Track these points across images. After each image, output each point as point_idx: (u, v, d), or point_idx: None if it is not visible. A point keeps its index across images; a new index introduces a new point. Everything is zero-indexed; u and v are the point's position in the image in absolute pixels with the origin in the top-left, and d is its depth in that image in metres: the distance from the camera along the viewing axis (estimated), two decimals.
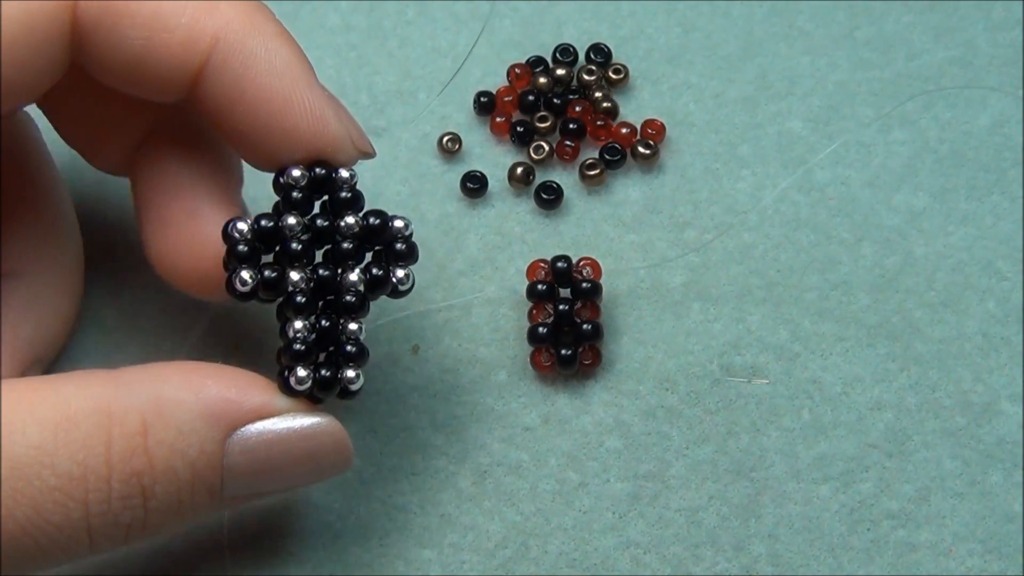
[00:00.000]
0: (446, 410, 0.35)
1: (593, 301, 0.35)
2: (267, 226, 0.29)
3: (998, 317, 0.36)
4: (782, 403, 0.35)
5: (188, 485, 0.28)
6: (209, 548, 0.33)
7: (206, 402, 0.28)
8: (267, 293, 0.29)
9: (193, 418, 0.27)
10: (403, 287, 0.30)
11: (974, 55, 0.39)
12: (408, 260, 0.30)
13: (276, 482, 0.29)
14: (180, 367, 0.28)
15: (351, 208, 0.30)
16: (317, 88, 0.30)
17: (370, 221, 0.30)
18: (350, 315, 0.29)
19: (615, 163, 0.38)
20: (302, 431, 0.29)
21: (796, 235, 0.37)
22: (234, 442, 0.28)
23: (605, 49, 0.40)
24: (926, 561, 0.33)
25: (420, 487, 0.34)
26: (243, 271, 0.29)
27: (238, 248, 0.29)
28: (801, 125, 0.39)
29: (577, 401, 0.35)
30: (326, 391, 0.29)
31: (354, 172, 0.30)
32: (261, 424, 0.28)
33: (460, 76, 0.39)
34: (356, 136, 0.30)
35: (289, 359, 0.29)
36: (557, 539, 0.34)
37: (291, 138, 0.29)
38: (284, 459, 0.29)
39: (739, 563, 0.33)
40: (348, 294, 0.29)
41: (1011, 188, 0.37)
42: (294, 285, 0.29)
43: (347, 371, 0.29)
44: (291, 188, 0.29)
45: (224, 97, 0.29)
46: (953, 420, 0.35)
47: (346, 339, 0.29)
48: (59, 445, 0.26)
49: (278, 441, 0.29)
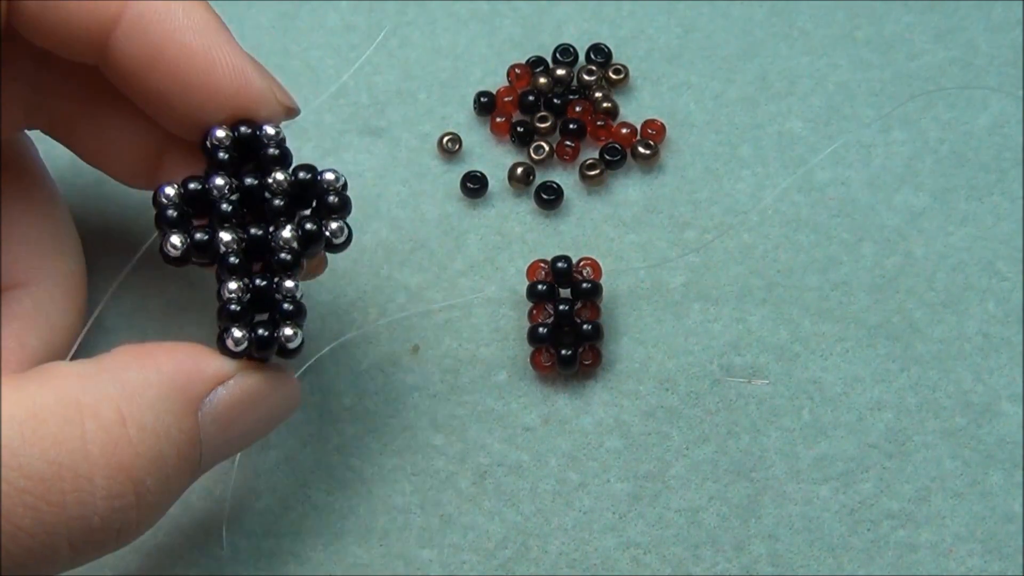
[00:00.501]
0: (446, 410, 0.35)
1: (593, 301, 0.35)
2: (195, 189, 0.29)
3: (998, 317, 0.36)
4: (782, 403, 0.35)
5: (175, 469, 0.27)
6: (209, 548, 0.33)
7: (170, 378, 0.27)
8: (199, 256, 0.29)
9: (164, 397, 0.26)
10: (337, 240, 0.29)
11: (974, 55, 0.39)
12: (341, 213, 0.29)
13: (243, 441, 0.29)
14: (130, 350, 0.27)
15: (279, 165, 0.29)
16: (236, 45, 0.29)
17: (299, 176, 0.29)
18: (285, 272, 0.29)
19: (615, 163, 0.38)
20: (259, 388, 0.29)
21: (796, 235, 0.37)
22: (205, 412, 0.27)
23: (605, 49, 0.40)
24: (926, 561, 0.33)
25: (420, 487, 0.34)
26: (173, 236, 0.29)
27: (167, 213, 0.29)
28: (801, 125, 0.39)
29: (577, 401, 0.35)
30: (264, 350, 0.29)
31: (280, 129, 0.29)
32: (224, 390, 0.28)
33: (460, 76, 0.39)
34: (279, 91, 0.30)
35: (225, 320, 0.28)
36: (557, 539, 0.34)
37: (214, 95, 0.28)
38: (247, 418, 0.29)
39: (739, 563, 0.33)
40: (281, 251, 0.29)
41: (1011, 188, 0.37)
42: (226, 246, 0.29)
43: (284, 329, 0.29)
44: (217, 149, 0.29)
45: (143, 55, 0.28)
46: (953, 420, 0.35)
47: (283, 297, 0.29)
48: (26, 444, 0.24)
49: (240, 403, 0.28)
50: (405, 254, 0.37)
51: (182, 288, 0.37)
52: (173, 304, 0.36)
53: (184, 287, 0.37)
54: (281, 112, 0.30)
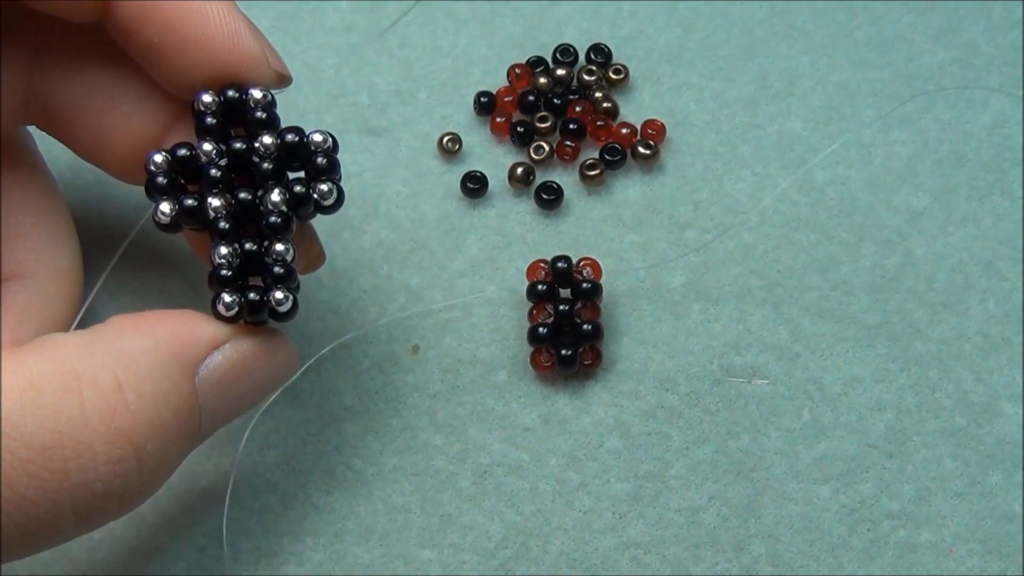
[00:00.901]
0: (446, 410, 0.35)
1: (593, 301, 0.35)
2: (183, 155, 0.29)
3: (998, 317, 0.36)
4: (782, 403, 0.35)
5: (175, 434, 0.27)
6: (209, 547, 0.33)
7: (166, 345, 0.27)
8: (188, 222, 0.29)
9: (161, 364, 0.27)
10: (326, 201, 0.29)
11: (974, 55, 0.39)
12: (330, 174, 0.29)
13: (241, 405, 0.29)
14: (125, 319, 0.28)
15: (267, 128, 0.29)
16: (234, 5, 0.29)
17: (287, 139, 0.29)
18: (275, 236, 0.29)
19: (615, 163, 0.38)
20: (254, 352, 0.29)
21: (796, 235, 0.37)
22: (202, 378, 0.28)
23: (605, 49, 0.40)
24: (926, 561, 0.33)
25: (420, 487, 0.34)
26: (163, 203, 0.29)
27: (156, 180, 0.29)
28: (801, 125, 0.39)
29: (577, 401, 0.35)
30: (255, 314, 0.29)
31: (268, 93, 0.29)
32: (220, 355, 0.28)
33: (460, 76, 0.39)
34: (272, 56, 0.30)
35: (216, 286, 0.29)
36: (557, 539, 0.34)
37: (205, 51, 0.28)
38: (244, 382, 0.29)
39: (739, 563, 0.33)
40: (271, 215, 0.29)
41: (1011, 188, 0.37)
42: (215, 211, 0.29)
43: (275, 292, 0.29)
44: (204, 114, 0.29)
45: (138, 10, 0.28)
46: (953, 420, 0.35)
47: (273, 261, 0.29)
48: (26, 414, 0.25)
49: (237, 367, 0.28)
50: (405, 254, 0.37)
51: (180, 280, 0.37)
52: (174, 304, 0.36)
53: (182, 278, 0.37)
54: (273, 77, 0.30)
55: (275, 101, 0.30)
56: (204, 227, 0.29)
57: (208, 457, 0.34)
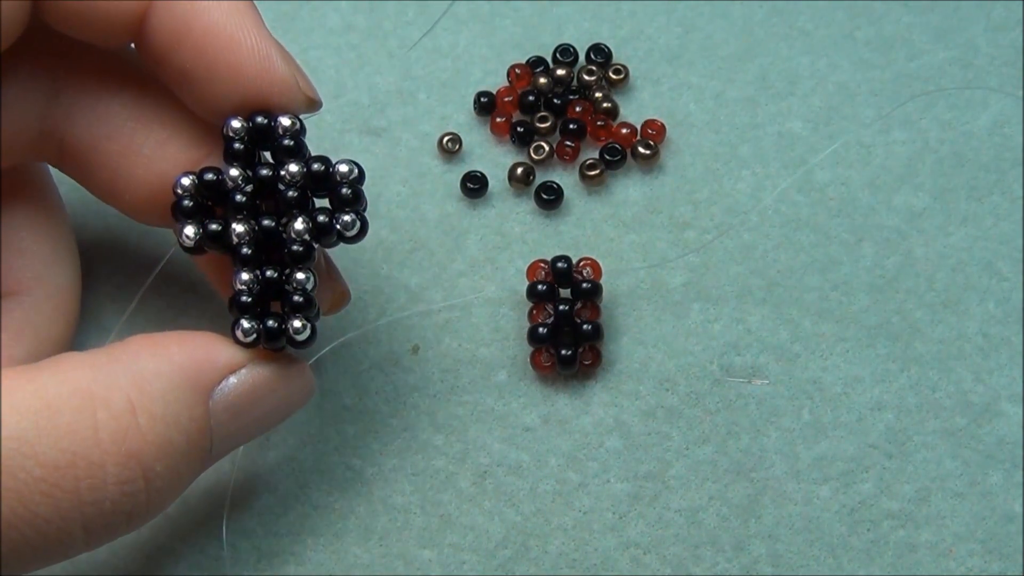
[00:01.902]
0: (446, 410, 0.35)
1: (593, 301, 0.35)
2: (210, 179, 0.29)
3: (998, 317, 0.36)
4: (782, 403, 0.35)
5: (185, 456, 0.27)
6: (209, 548, 0.33)
7: (181, 367, 0.27)
8: (212, 246, 0.29)
9: (175, 386, 0.27)
10: (349, 232, 0.29)
11: (974, 55, 0.39)
12: (355, 205, 0.30)
13: (256, 429, 0.30)
14: (144, 340, 0.28)
15: (294, 156, 0.29)
16: (264, 30, 0.29)
17: (313, 168, 0.29)
18: (297, 264, 0.29)
19: (615, 163, 0.38)
20: (271, 378, 0.29)
21: (796, 235, 0.37)
22: (216, 401, 0.28)
23: (605, 49, 0.40)
24: (926, 561, 0.33)
25: (420, 487, 0.34)
26: (187, 226, 0.29)
27: (183, 203, 0.29)
28: (801, 125, 0.39)
29: (577, 401, 0.35)
30: (273, 342, 0.29)
31: (297, 120, 0.30)
32: (235, 379, 0.28)
33: (460, 76, 0.39)
34: (303, 81, 0.30)
35: (236, 311, 0.29)
36: (557, 539, 0.34)
37: (236, 76, 0.29)
38: (259, 407, 0.29)
39: (739, 563, 0.33)
40: (294, 243, 0.29)
41: (1011, 188, 0.37)
42: (239, 237, 0.29)
43: (293, 321, 0.29)
44: (232, 140, 0.29)
45: (172, 33, 0.29)
46: (953, 420, 0.35)
47: (293, 289, 0.29)
48: (41, 434, 0.25)
49: (252, 392, 0.29)
50: (405, 254, 0.37)
51: (207, 302, 0.37)
52: (174, 305, 0.36)
53: (196, 296, 0.37)
54: (303, 102, 0.30)
55: (304, 128, 0.30)
56: (227, 252, 0.29)
57: None
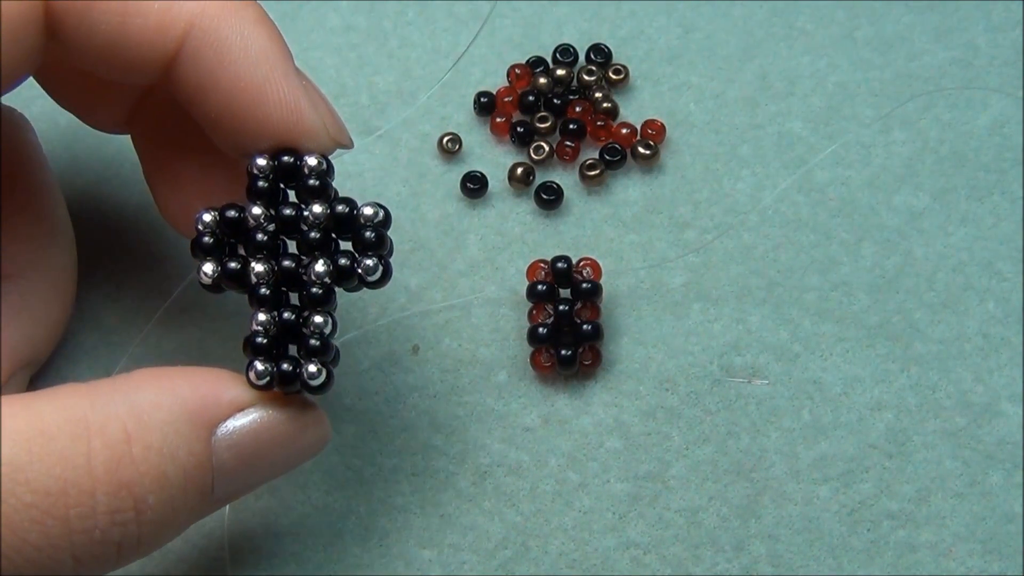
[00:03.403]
0: (446, 411, 0.35)
1: (593, 301, 0.35)
2: (232, 216, 0.29)
3: (998, 318, 0.36)
4: (782, 403, 0.35)
5: (181, 491, 0.27)
6: (209, 549, 0.33)
7: (184, 402, 0.27)
8: (230, 285, 0.29)
9: (175, 419, 0.27)
10: (371, 277, 0.29)
11: (974, 55, 0.39)
12: (378, 249, 0.29)
13: (263, 474, 0.29)
14: (148, 373, 0.28)
15: (318, 197, 0.29)
16: (293, 77, 0.29)
17: (337, 209, 0.29)
18: (315, 307, 0.28)
19: (615, 163, 0.38)
20: (281, 421, 0.28)
21: (796, 235, 0.37)
22: (219, 439, 0.27)
23: (605, 49, 0.40)
24: (926, 561, 0.33)
25: (420, 487, 0.34)
26: (206, 264, 0.29)
27: (203, 240, 0.29)
28: (801, 125, 0.39)
29: (577, 402, 0.35)
30: (286, 385, 0.28)
31: (323, 160, 0.29)
32: (243, 417, 0.28)
33: (460, 76, 0.39)
34: (332, 126, 0.29)
35: (251, 352, 0.28)
36: (557, 539, 0.34)
37: (264, 127, 0.28)
38: (269, 450, 0.28)
39: (739, 563, 0.33)
40: (313, 286, 0.28)
41: (1011, 189, 0.37)
42: (257, 276, 0.28)
43: (309, 366, 0.28)
44: (256, 178, 0.29)
45: (198, 83, 0.28)
46: (953, 420, 0.35)
47: (311, 332, 0.28)
48: (34, 460, 0.25)
49: (261, 433, 0.28)
50: (405, 254, 0.37)
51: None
52: (174, 304, 0.36)
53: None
54: (331, 145, 0.29)
55: (331, 168, 0.29)
56: (245, 291, 0.29)
57: None
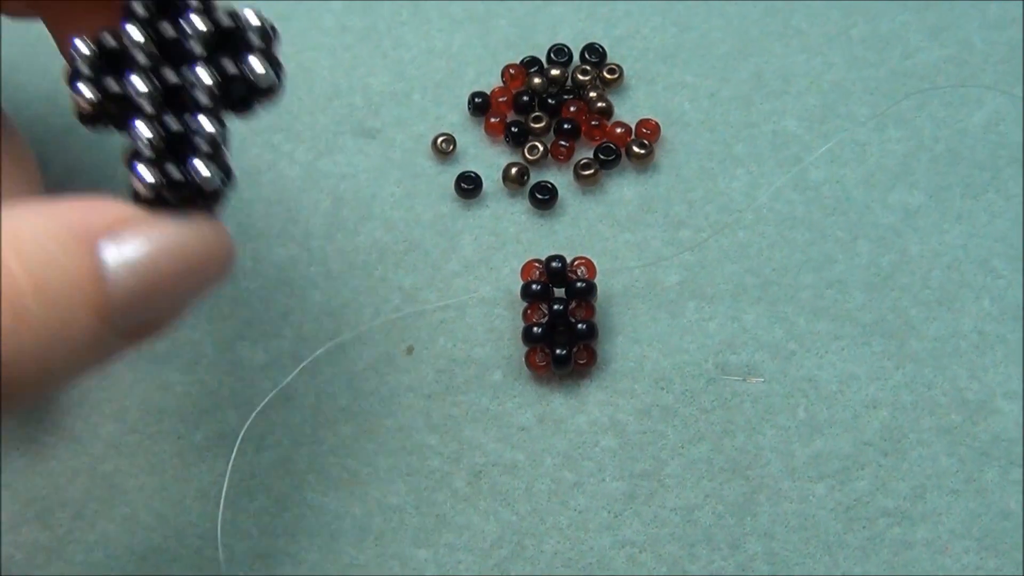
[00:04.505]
0: (441, 410, 0.35)
1: (588, 300, 0.35)
2: (109, 42, 0.27)
3: (993, 315, 0.36)
4: (777, 401, 0.35)
5: (66, 299, 0.25)
6: (205, 549, 0.33)
7: (59, 214, 0.25)
8: (113, 109, 0.27)
9: (52, 234, 0.25)
10: (259, 76, 0.27)
11: (969, 54, 0.39)
12: (264, 50, 0.27)
13: (168, 297, 0.27)
14: (27, 200, 0.26)
15: (201, 13, 0.27)
16: None
17: (217, 17, 0.27)
18: (203, 114, 0.26)
19: (610, 163, 0.38)
20: (177, 232, 0.27)
21: (791, 234, 0.37)
22: (110, 252, 0.26)
23: (600, 49, 0.40)
24: (922, 559, 0.33)
25: (415, 487, 0.34)
26: (85, 89, 0.27)
27: (80, 69, 0.27)
28: (796, 124, 0.39)
29: (572, 401, 0.35)
30: (177, 191, 0.26)
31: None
32: (132, 229, 0.26)
33: (454, 77, 0.40)
34: None
35: (134, 162, 0.26)
36: (552, 538, 0.34)
37: None
38: (168, 266, 0.26)
39: (735, 561, 0.33)
40: (198, 92, 0.26)
41: (1006, 186, 0.37)
42: (140, 95, 0.26)
43: (196, 163, 0.26)
44: None
45: None
46: (949, 418, 0.35)
47: (199, 138, 0.26)
48: None
49: (155, 246, 0.26)
50: (399, 255, 0.37)
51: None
52: None
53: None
54: None
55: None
56: (128, 113, 0.27)
57: (203, 458, 0.34)
